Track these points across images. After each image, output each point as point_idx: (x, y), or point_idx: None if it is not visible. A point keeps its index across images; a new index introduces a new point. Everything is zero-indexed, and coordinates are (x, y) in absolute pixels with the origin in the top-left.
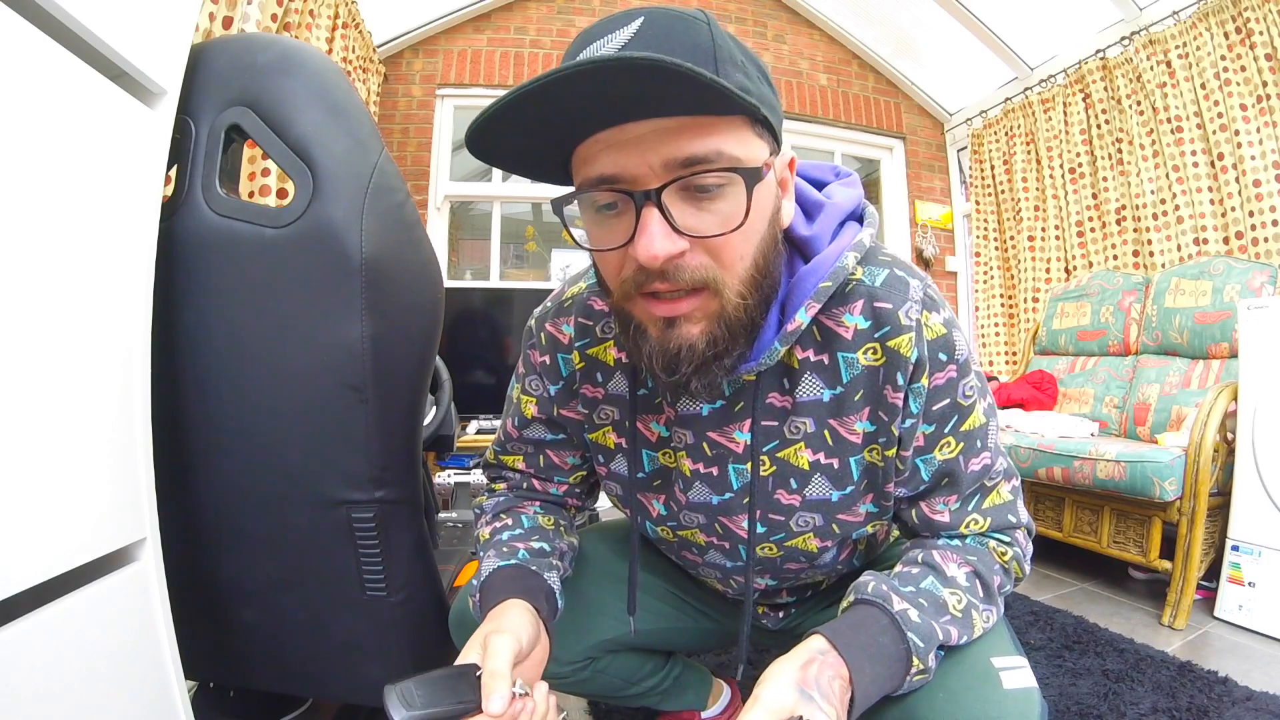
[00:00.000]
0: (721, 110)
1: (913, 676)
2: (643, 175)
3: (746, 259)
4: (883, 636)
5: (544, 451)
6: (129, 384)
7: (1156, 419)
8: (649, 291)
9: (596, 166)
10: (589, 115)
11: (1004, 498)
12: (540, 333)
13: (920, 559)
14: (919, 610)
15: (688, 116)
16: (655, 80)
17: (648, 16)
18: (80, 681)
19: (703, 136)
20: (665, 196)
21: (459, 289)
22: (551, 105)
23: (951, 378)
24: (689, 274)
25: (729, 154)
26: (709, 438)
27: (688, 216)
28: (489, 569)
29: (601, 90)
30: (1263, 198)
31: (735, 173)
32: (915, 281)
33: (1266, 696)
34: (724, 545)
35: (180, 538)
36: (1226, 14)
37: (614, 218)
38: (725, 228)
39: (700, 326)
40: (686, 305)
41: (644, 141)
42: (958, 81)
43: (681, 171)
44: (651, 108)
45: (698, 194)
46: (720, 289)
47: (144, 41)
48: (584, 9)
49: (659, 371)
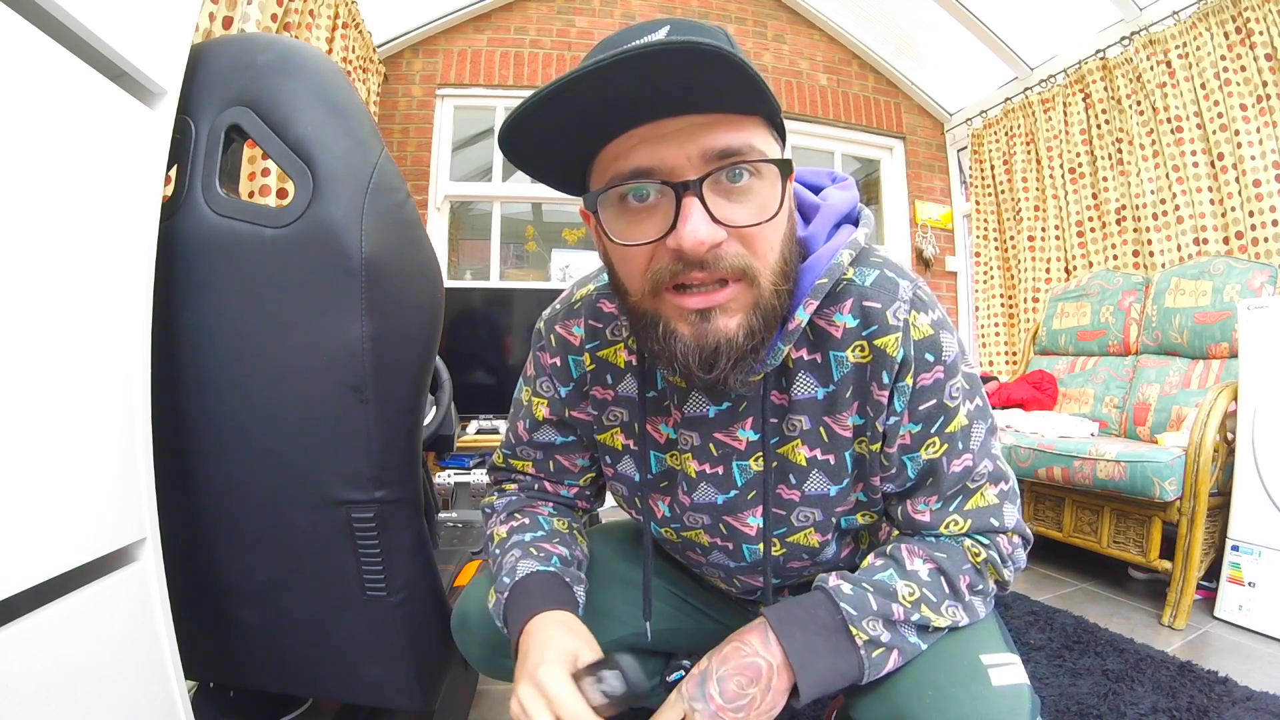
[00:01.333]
0: (750, 109)
1: (870, 652)
2: (680, 166)
3: (776, 250)
4: (817, 609)
5: (554, 456)
6: (129, 384)
7: (1156, 419)
8: (680, 284)
9: (631, 160)
10: (630, 107)
11: (988, 500)
12: (550, 335)
13: (887, 552)
14: (854, 585)
15: (721, 114)
16: (707, 67)
17: (674, 24)
18: (80, 681)
19: (736, 131)
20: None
21: (459, 289)
22: (600, 93)
23: (938, 379)
24: (727, 262)
25: (759, 148)
26: (715, 438)
27: (723, 208)
28: (526, 570)
29: (649, 79)
30: (1263, 198)
31: (771, 164)
32: (905, 283)
33: (1266, 696)
34: (728, 546)
35: (180, 538)
36: (1226, 14)
37: (644, 211)
38: (760, 217)
39: (737, 319)
40: (723, 296)
41: (681, 134)
42: (958, 81)
43: (719, 163)
44: (690, 102)
45: (730, 185)
46: (756, 278)
47: (144, 41)
48: (584, 9)
49: (695, 370)
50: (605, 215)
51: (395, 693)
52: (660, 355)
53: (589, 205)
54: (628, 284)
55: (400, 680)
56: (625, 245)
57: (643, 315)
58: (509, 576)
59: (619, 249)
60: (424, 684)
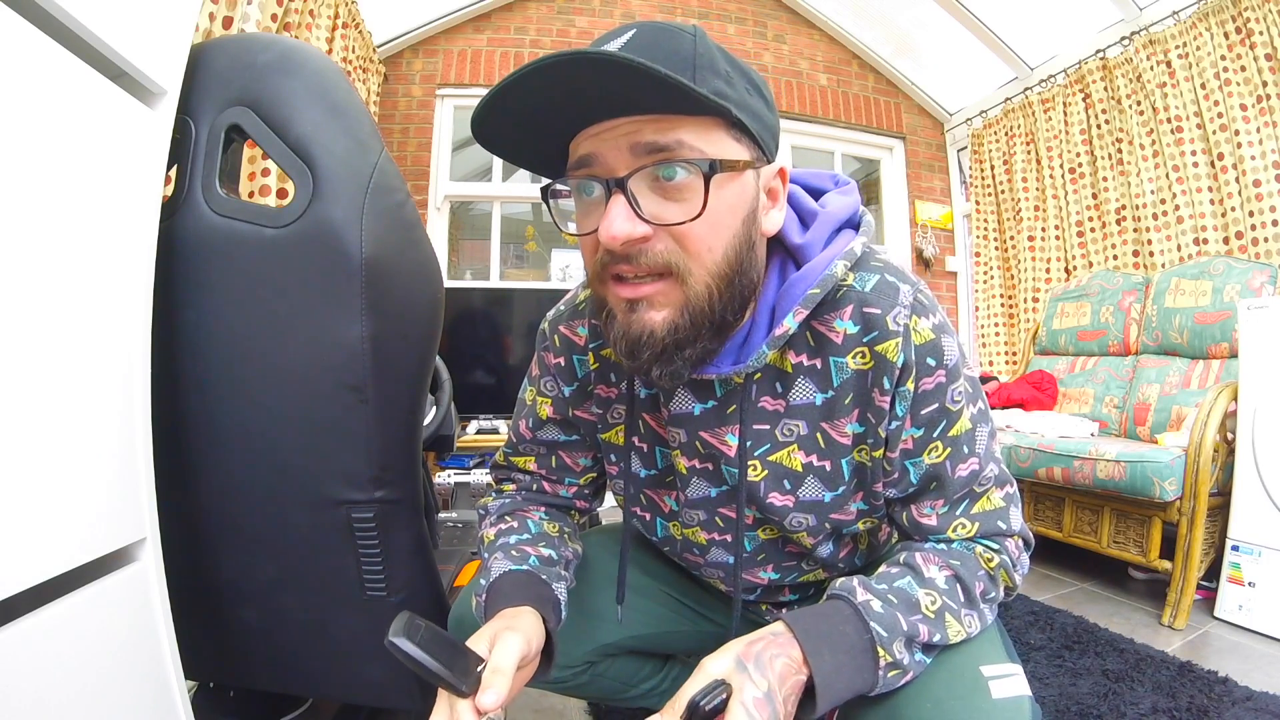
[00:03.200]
0: (691, 110)
1: (887, 673)
2: (613, 159)
3: (715, 252)
4: (845, 626)
5: (557, 452)
6: (129, 384)
7: (1156, 419)
8: (615, 274)
9: (578, 152)
10: (575, 109)
11: (994, 504)
12: (554, 335)
13: (902, 560)
14: (884, 603)
15: (658, 114)
16: (622, 76)
17: (640, 29)
18: (80, 681)
19: (666, 129)
20: (633, 184)
21: (459, 289)
22: (535, 98)
23: (940, 383)
24: (651, 258)
25: (692, 146)
26: (701, 437)
27: (652, 204)
28: (499, 570)
29: (585, 85)
30: (1263, 198)
31: (692, 163)
32: (905, 287)
33: (1266, 696)
34: (726, 538)
35: (180, 538)
36: (1226, 14)
37: (593, 205)
38: (685, 216)
39: (663, 314)
40: (649, 289)
41: (617, 130)
42: (958, 81)
43: (644, 159)
44: (629, 104)
45: (665, 183)
46: (685, 277)
47: (144, 41)
48: (584, 9)
49: (623, 356)
50: (576, 207)
51: (395, 693)
52: (606, 339)
53: (543, 196)
54: (587, 269)
55: (400, 680)
56: (574, 235)
57: (597, 300)
58: (485, 579)
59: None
60: (423, 684)
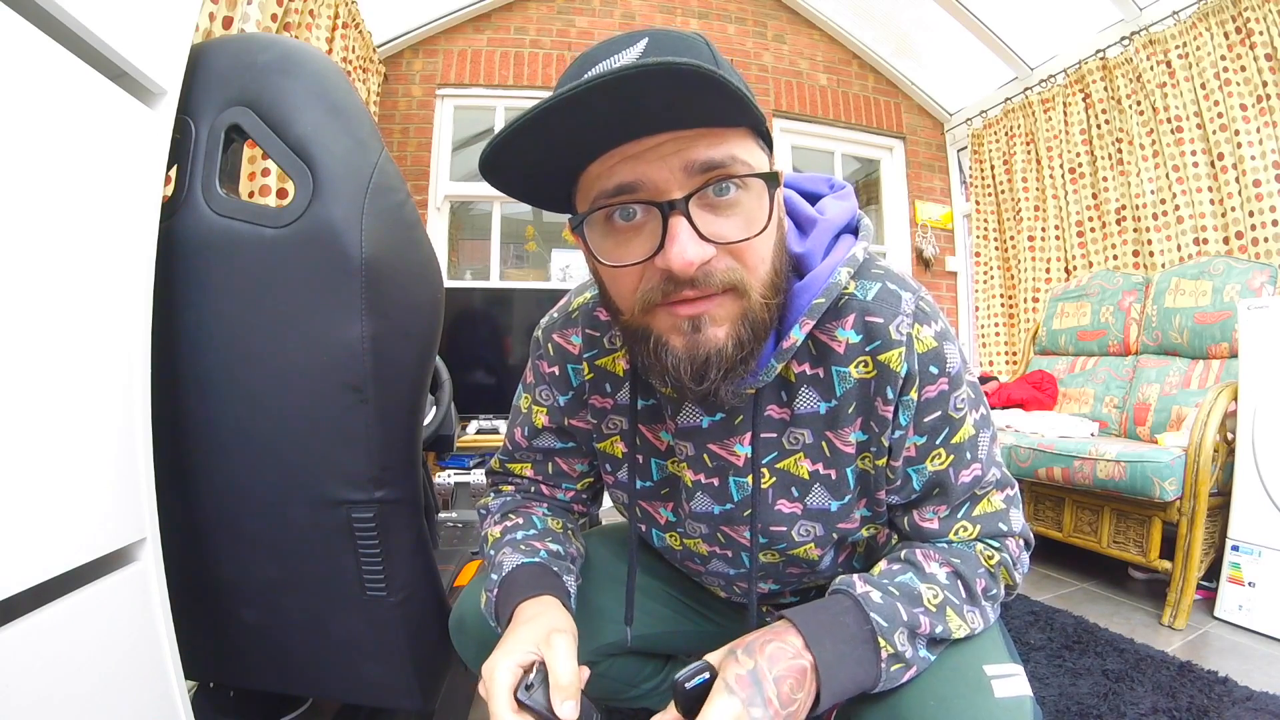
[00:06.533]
0: (732, 121)
1: (890, 666)
2: (664, 182)
3: (766, 263)
4: (845, 616)
5: (553, 459)
6: (129, 384)
7: (1156, 419)
8: (676, 300)
9: (614, 178)
10: (611, 128)
11: (995, 506)
12: (548, 343)
13: (902, 556)
14: (884, 594)
15: (703, 128)
16: (685, 86)
17: (652, 36)
18: (80, 681)
19: (719, 144)
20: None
21: (459, 289)
22: (578, 117)
23: (943, 390)
24: (718, 278)
25: (743, 160)
26: (709, 450)
27: (710, 224)
28: (512, 564)
29: (628, 101)
30: (1263, 198)
31: (758, 177)
32: (907, 294)
33: (1266, 696)
34: (727, 554)
35: (180, 538)
36: (1226, 14)
37: (631, 231)
38: (749, 232)
39: (725, 329)
40: (712, 304)
41: (662, 149)
42: (958, 81)
43: (703, 178)
44: (671, 119)
45: (717, 200)
46: (746, 290)
47: (144, 41)
48: (584, 9)
49: (687, 381)
50: (592, 236)
51: (395, 693)
52: (651, 369)
53: (574, 227)
54: (619, 303)
55: (400, 680)
56: (614, 267)
57: (634, 331)
58: (497, 574)
59: (609, 269)
60: (424, 684)
